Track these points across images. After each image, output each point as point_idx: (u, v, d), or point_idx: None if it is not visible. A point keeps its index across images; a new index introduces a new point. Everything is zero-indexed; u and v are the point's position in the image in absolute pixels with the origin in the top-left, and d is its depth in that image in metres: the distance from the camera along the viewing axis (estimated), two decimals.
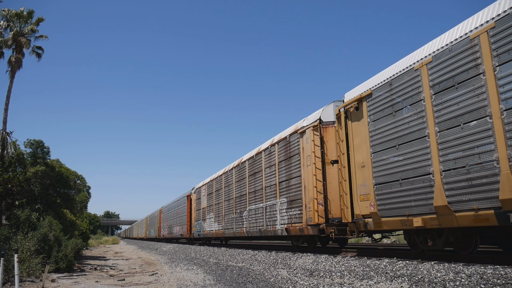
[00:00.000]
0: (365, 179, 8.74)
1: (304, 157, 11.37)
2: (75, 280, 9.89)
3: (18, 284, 7.22)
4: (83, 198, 41.78)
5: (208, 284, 8.18)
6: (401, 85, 7.80)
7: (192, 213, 26.68)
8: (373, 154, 8.49)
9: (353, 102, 9.27)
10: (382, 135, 8.24)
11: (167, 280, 9.46)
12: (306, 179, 11.14)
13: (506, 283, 4.75)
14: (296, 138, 12.08)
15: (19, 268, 7.87)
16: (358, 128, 9.15)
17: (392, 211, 7.85)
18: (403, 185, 7.58)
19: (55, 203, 19.10)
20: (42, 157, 22.25)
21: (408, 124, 7.56)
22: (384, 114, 8.23)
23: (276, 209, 13.07)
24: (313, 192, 10.70)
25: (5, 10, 22.57)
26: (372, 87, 8.72)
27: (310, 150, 11.05)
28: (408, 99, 7.61)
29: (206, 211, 22.50)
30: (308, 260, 9.25)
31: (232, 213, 17.66)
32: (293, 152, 12.23)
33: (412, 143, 7.43)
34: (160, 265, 14.31)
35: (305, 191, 11.19)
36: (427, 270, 6.03)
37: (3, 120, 20.64)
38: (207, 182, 23.00)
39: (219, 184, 20.24)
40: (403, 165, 7.61)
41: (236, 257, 12.83)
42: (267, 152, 14.24)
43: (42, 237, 11.75)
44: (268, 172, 14.02)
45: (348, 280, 6.61)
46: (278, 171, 13.12)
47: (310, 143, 11.06)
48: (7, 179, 13.84)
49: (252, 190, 15.37)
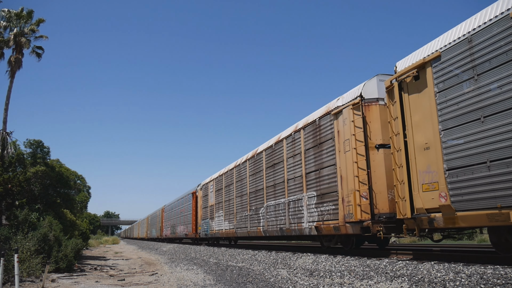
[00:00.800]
0: (430, 164, 6.96)
1: (340, 142, 9.61)
2: (75, 280, 9.81)
3: (18, 284, 7.14)
4: (83, 198, 42.07)
5: (208, 284, 8.15)
6: (488, 39, 6.03)
7: (198, 212, 24.86)
8: (444, 132, 6.72)
9: (411, 70, 7.50)
10: (458, 107, 6.46)
11: (167, 280, 9.38)
12: (344, 167, 9.37)
13: (506, 283, 4.69)
14: (329, 121, 10.31)
15: (19, 268, 7.81)
16: (418, 102, 7.37)
17: (475, 202, 6.08)
18: (493, 169, 5.80)
19: (55, 203, 19.07)
20: (42, 157, 22.42)
21: (500, 89, 5.79)
22: (460, 79, 6.46)
23: (302, 205, 11.30)
24: (353, 182, 8.93)
25: (5, 10, 22.46)
26: (440, 48, 6.95)
27: (348, 133, 9.28)
28: (499, 56, 5.84)
29: (215, 209, 20.70)
30: (308, 260, 9.13)
31: (246, 211, 15.88)
32: (324, 138, 10.46)
33: (508, 112, 5.66)
34: (160, 265, 14.13)
35: (341, 182, 9.43)
36: (427, 270, 5.97)
37: (3, 120, 20.49)
38: (215, 177, 21.20)
39: (230, 178, 18.45)
40: (492, 142, 5.84)
41: (236, 257, 12.59)
42: (290, 140, 12.45)
43: (42, 237, 11.67)
44: (291, 163, 12.24)
45: (348, 280, 6.56)
46: (305, 161, 11.35)
47: (349, 124, 9.29)
48: (7, 179, 13.82)
49: (271, 184, 13.59)
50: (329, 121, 10.29)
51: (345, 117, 9.52)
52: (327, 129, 10.37)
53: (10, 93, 21.64)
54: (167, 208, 37.98)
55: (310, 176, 10.99)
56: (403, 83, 7.81)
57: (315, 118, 11.03)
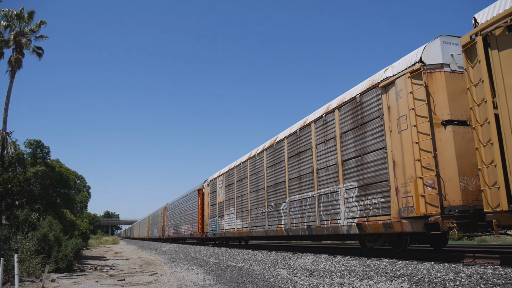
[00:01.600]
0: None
1: (393, 120, 7.84)
2: (75, 280, 9.74)
3: (18, 284, 7.12)
4: (83, 198, 42.88)
5: (208, 284, 8.07)
6: None
7: (204, 209, 23.06)
8: None
9: (503, 19, 5.74)
10: None
11: (167, 280, 9.30)
12: (398, 151, 7.60)
13: (506, 283, 4.63)
14: (374, 97, 8.54)
15: (19, 268, 7.76)
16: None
17: None
18: None
19: (55, 203, 18.97)
20: (42, 157, 22.44)
21: None
22: None
23: (338, 198, 9.53)
24: (413, 168, 7.17)
25: (5, 10, 22.31)
26: None
27: (405, 108, 7.51)
28: None
29: (225, 206, 18.91)
30: (308, 260, 9.11)
31: (263, 207, 14.11)
32: (368, 117, 8.70)
33: None
34: (160, 265, 14.01)
35: (395, 168, 7.66)
36: (427, 270, 5.92)
37: (3, 120, 20.45)
38: (225, 172, 19.40)
39: (243, 172, 16.67)
40: None
41: (236, 257, 12.54)
42: (320, 123, 10.69)
43: (42, 237, 11.58)
44: (322, 150, 10.47)
45: (348, 280, 6.49)
46: (341, 146, 9.58)
47: (406, 97, 7.53)
48: (7, 179, 13.73)
49: (295, 176, 11.82)
50: (375, 96, 8.52)
51: (399, 89, 7.75)
52: (372, 106, 8.60)
53: (10, 93, 21.59)
54: (169, 207, 36.21)
55: (349, 164, 9.22)
56: (489, 37, 6.03)
57: (354, 95, 9.27)
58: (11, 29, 22.43)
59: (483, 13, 6.33)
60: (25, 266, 9.51)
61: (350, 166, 9.17)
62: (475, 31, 6.27)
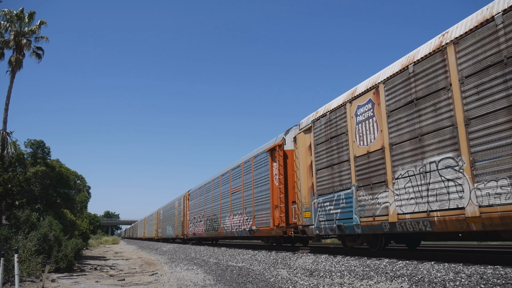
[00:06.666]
0: None
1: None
2: (75, 280, 9.76)
3: (18, 284, 7.17)
4: (83, 198, 43.22)
5: (208, 284, 8.11)
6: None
7: (288, 185, 12.79)
8: None
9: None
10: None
11: (167, 280, 9.34)
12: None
13: (506, 283, 4.64)
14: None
15: (19, 268, 7.80)
16: None
17: None
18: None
19: (55, 203, 19.07)
20: (42, 157, 22.59)
21: None
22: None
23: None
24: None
25: (5, 10, 22.53)
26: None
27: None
28: None
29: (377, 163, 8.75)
30: (308, 260, 9.13)
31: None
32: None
33: None
34: (160, 265, 14.10)
35: None
36: (427, 270, 5.97)
37: (3, 120, 20.64)
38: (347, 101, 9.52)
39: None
40: None
41: (236, 257, 12.59)
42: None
43: (42, 237, 11.67)
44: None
45: (348, 280, 6.52)
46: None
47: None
48: (7, 179, 13.87)
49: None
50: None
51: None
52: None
53: (10, 93, 21.74)
54: (195, 193, 26.25)
55: None
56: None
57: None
58: (11, 29, 22.73)
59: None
60: (25, 266, 9.57)
61: None
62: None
